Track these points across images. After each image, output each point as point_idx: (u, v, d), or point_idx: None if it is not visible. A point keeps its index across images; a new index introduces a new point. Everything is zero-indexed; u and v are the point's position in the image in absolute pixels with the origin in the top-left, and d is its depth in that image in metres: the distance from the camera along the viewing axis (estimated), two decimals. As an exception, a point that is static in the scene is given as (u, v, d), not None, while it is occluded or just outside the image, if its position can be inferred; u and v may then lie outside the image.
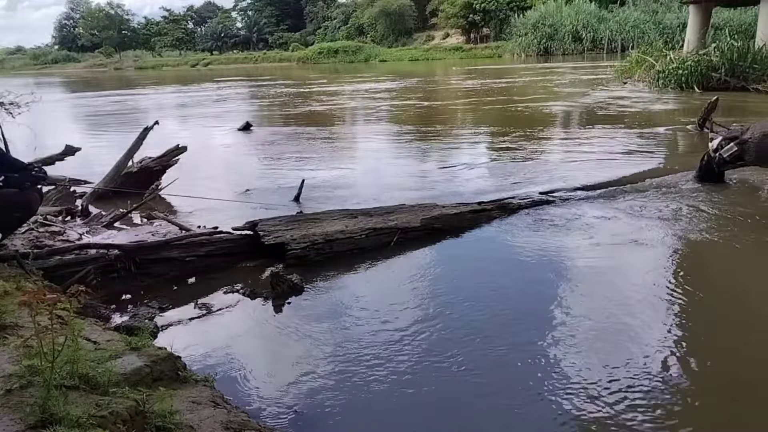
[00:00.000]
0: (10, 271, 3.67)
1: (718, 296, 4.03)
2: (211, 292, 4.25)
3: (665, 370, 3.01)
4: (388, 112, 16.28)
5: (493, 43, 55.66)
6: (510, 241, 5.16)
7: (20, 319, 2.64)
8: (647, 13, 43.29)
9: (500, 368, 3.12)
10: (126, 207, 5.84)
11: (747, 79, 16.08)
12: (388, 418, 2.79)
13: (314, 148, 10.64)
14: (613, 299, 3.88)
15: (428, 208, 5.55)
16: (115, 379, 2.14)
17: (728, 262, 4.67)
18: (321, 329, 3.64)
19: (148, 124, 7.04)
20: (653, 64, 18.41)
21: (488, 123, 13.28)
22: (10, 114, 9.76)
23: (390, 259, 4.81)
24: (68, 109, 22.76)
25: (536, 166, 8.23)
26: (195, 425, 2.14)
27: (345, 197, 6.78)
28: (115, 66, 76.19)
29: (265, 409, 2.80)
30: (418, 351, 3.29)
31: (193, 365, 3.05)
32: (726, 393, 2.89)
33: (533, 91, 20.16)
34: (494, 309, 3.83)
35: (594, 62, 33.68)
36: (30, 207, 4.04)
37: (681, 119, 11.83)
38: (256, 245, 4.75)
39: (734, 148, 6.30)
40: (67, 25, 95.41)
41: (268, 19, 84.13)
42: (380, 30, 66.58)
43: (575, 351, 3.21)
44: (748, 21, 26.75)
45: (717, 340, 3.39)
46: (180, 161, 7.18)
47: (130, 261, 4.32)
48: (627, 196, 6.31)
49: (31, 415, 1.76)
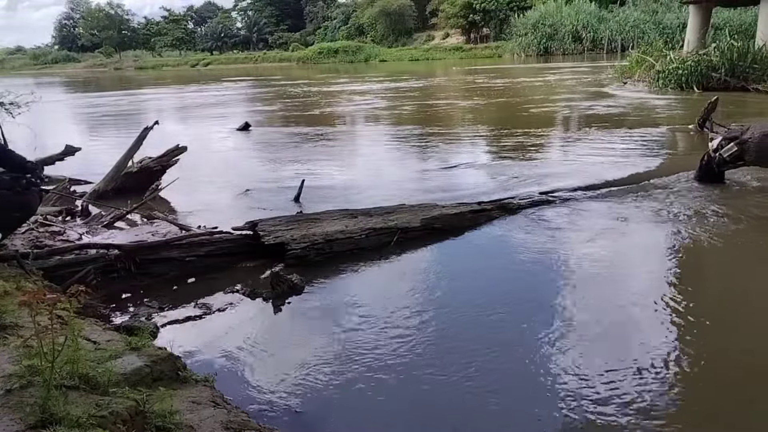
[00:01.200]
0: (10, 271, 3.67)
1: (717, 296, 4.03)
2: (211, 292, 4.25)
3: (665, 370, 3.01)
4: (388, 112, 16.27)
5: (493, 43, 55.66)
6: (510, 241, 5.17)
7: (20, 319, 2.64)
8: (647, 13, 43.28)
9: (501, 368, 3.12)
10: (126, 207, 5.84)
11: (747, 79, 16.08)
12: (388, 418, 2.79)
13: (314, 148, 10.64)
14: (613, 299, 3.88)
15: (428, 208, 5.55)
16: (115, 379, 2.14)
17: (728, 262, 4.67)
18: (321, 329, 3.64)
19: (148, 124, 7.04)
20: (653, 64, 18.41)
21: (488, 123, 13.27)
22: (10, 114, 9.77)
23: (390, 259, 4.81)
24: (68, 109, 22.76)
25: (536, 166, 8.23)
26: (195, 425, 2.14)
27: (345, 197, 6.78)
28: (115, 66, 76.18)
29: (265, 409, 2.80)
30: (418, 351, 3.29)
31: (193, 365, 3.05)
32: (726, 393, 2.89)
33: (533, 91, 20.16)
34: (494, 309, 3.83)
35: (594, 62, 33.68)
36: (30, 207, 4.04)
37: (681, 119, 11.83)
38: (256, 245, 4.75)
39: (734, 148, 6.30)
40: (67, 25, 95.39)
41: (268, 19, 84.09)
42: (380, 30, 66.56)
43: (575, 351, 3.22)
44: (748, 21, 26.75)
45: (717, 340, 3.39)
46: (180, 161, 7.18)
47: (130, 261, 4.32)
48: (627, 196, 6.32)
49: (31, 415, 1.76)
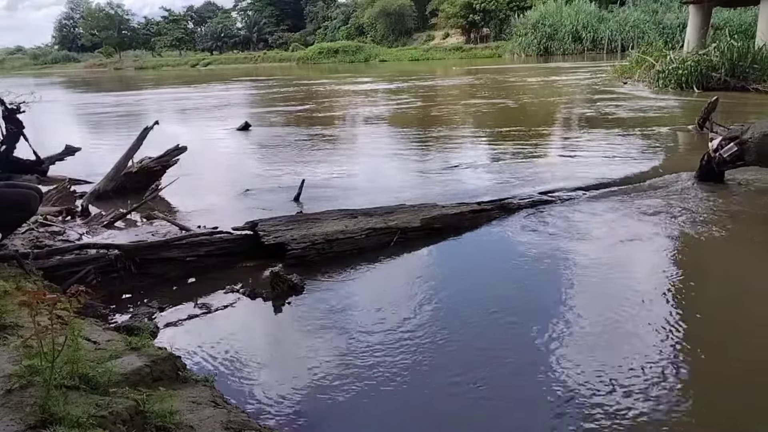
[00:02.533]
0: (10, 271, 3.67)
1: (717, 296, 4.03)
2: (211, 292, 4.25)
3: (665, 370, 3.01)
4: (388, 112, 16.26)
5: (493, 43, 55.67)
6: (510, 241, 5.17)
7: (20, 319, 2.64)
8: (647, 13, 43.30)
9: (501, 368, 3.12)
10: (126, 207, 5.84)
11: (747, 79, 16.08)
12: (388, 418, 2.78)
13: (314, 148, 10.64)
14: (613, 299, 3.88)
15: (428, 208, 5.55)
16: (115, 379, 2.14)
17: (728, 262, 4.67)
18: (321, 329, 3.64)
19: (148, 124, 7.04)
20: (653, 64, 18.41)
21: (488, 122, 13.27)
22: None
23: (390, 259, 4.81)
24: (68, 109, 22.74)
25: (536, 166, 8.23)
26: (195, 425, 2.14)
27: (345, 197, 6.77)
28: (115, 66, 76.20)
29: (265, 409, 2.80)
30: (418, 351, 3.29)
31: (193, 365, 3.05)
32: (726, 394, 2.89)
33: (533, 91, 20.15)
34: (494, 309, 3.83)
35: (594, 62, 33.68)
36: (29, 206, 4.03)
37: (681, 119, 11.83)
38: (256, 245, 4.75)
39: (734, 148, 6.30)
40: (67, 25, 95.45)
41: (268, 19, 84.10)
42: (380, 30, 66.57)
43: (576, 351, 3.21)
44: (748, 21, 26.75)
45: (716, 340, 3.39)
46: (180, 161, 7.18)
47: (130, 261, 4.32)
48: (627, 196, 6.32)
49: (31, 415, 1.76)
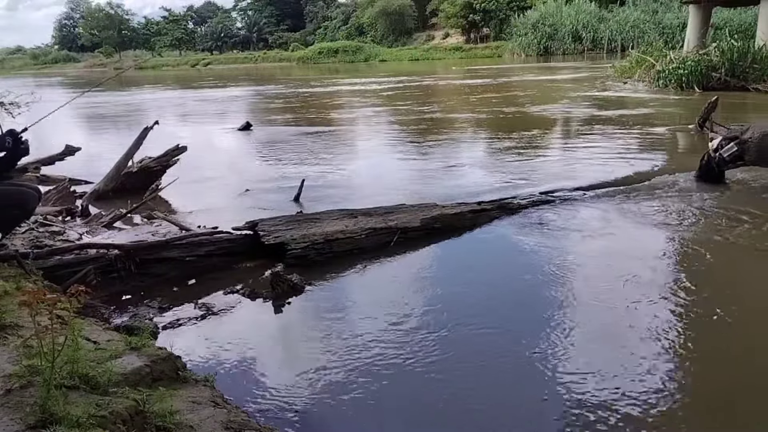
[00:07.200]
0: (10, 271, 3.66)
1: (717, 296, 4.02)
2: (211, 292, 4.25)
3: (664, 371, 3.01)
4: (388, 112, 16.27)
5: (493, 43, 55.59)
6: (510, 241, 5.17)
7: (20, 319, 2.64)
8: (647, 13, 43.23)
9: (502, 368, 3.12)
10: (126, 207, 5.84)
11: (747, 79, 16.07)
12: (389, 418, 2.78)
13: (314, 148, 10.63)
14: (614, 299, 3.88)
15: (428, 208, 5.55)
16: (115, 379, 2.14)
17: (728, 262, 4.67)
18: (321, 329, 3.64)
19: (148, 124, 7.04)
20: (653, 64, 18.40)
21: (488, 123, 13.27)
22: (10, 114, 9.78)
23: (390, 259, 4.80)
24: (68, 109, 22.72)
25: (536, 166, 8.23)
26: (195, 425, 2.14)
27: (345, 197, 6.78)
28: (115, 66, 76.06)
29: (265, 409, 2.80)
30: (418, 351, 3.29)
31: (193, 365, 3.05)
32: (725, 394, 2.89)
33: (533, 91, 20.15)
34: (495, 309, 3.84)
35: (594, 62, 33.66)
36: (27, 205, 3.98)
37: (681, 119, 11.82)
38: (256, 245, 4.75)
39: (734, 148, 6.30)
40: (67, 25, 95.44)
41: (268, 19, 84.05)
42: (380, 30, 66.51)
43: (576, 351, 3.21)
44: (748, 21, 26.74)
45: (716, 341, 3.39)
46: (180, 161, 7.18)
47: (130, 261, 4.32)
48: (627, 196, 6.31)
49: (31, 415, 1.76)
